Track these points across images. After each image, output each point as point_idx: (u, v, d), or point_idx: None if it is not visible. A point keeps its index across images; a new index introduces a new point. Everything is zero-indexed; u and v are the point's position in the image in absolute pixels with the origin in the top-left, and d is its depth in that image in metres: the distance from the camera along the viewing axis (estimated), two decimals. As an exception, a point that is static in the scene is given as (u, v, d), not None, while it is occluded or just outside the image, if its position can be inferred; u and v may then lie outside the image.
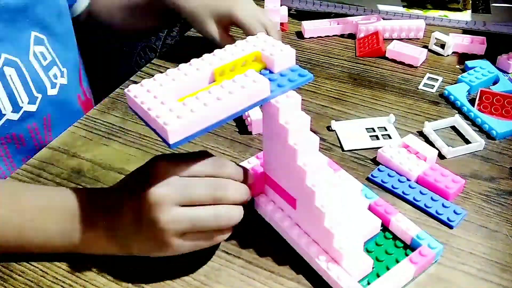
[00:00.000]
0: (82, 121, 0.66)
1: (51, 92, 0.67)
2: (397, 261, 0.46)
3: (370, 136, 0.62)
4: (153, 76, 0.42)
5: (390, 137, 0.62)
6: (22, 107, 0.63)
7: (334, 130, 0.63)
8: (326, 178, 0.43)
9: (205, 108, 0.38)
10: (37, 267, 0.48)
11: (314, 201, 0.43)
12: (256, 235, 0.50)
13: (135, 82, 0.74)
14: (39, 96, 0.65)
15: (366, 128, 0.63)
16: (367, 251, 0.47)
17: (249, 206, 0.48)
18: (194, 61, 0.43)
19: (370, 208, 0.50)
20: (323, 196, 0.42)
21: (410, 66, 0.75)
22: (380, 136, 0.62)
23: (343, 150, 0.60)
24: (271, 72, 0.43)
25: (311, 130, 0.43)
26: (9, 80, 0.61)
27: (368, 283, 0.44)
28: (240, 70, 0.42)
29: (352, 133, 0.62)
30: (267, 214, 0.50)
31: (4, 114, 0.62)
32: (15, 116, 0.63)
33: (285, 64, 0.43)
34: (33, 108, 0.65)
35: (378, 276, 0.45)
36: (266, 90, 0.41)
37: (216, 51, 0.44)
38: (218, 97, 0.39)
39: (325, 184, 0.42)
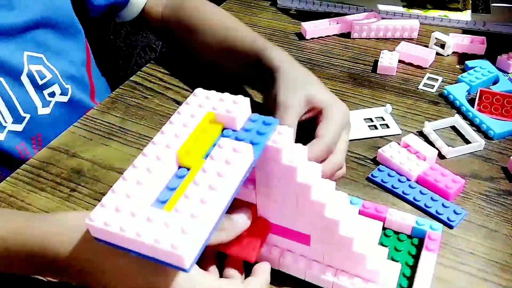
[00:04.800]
0: (82, 121, 0.66)
1: (42, 111, 0.66)
2: (410, 254, 0.46)
3: (369, 126, 0.63)
4: (153, 75, 0.39)
5: (388, 127, 0.63)
6: (5, 126, 0.62)
7: None
8: (337, 202, 0.41)
9: (205, 206, 0.32)
10: (37, 267, 0.47)
11: (338, 230, 0.40)
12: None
13: (135, 82, 0.74)
14: (27, 116, 0.64)
15: (364, 119, 0.64)
16: None
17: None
18: (147, 150, 0.36)
19: (361, 214, 0.49)
20: (346, 223, 0.40)
21: (419, 67, 0.74)
22: (378, 126, 0.63)
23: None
24: (234, 130, 0.38)
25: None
26: None
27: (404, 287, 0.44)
28: (203, 139, 0.37)
29: (351, 123, 0.63)
30: (275, 260, 0.45)
31: None
32: (1, 136, 0.62)
33: (244, 117, 0.39)
34: (19, 128, 0.63)
35: (404, 276, 0.44)
36: (250, 153, 0.36)
37: (165, 127, 0.38)
38: (210, 185, 0.33)
39: (343, 209, 0.40)
